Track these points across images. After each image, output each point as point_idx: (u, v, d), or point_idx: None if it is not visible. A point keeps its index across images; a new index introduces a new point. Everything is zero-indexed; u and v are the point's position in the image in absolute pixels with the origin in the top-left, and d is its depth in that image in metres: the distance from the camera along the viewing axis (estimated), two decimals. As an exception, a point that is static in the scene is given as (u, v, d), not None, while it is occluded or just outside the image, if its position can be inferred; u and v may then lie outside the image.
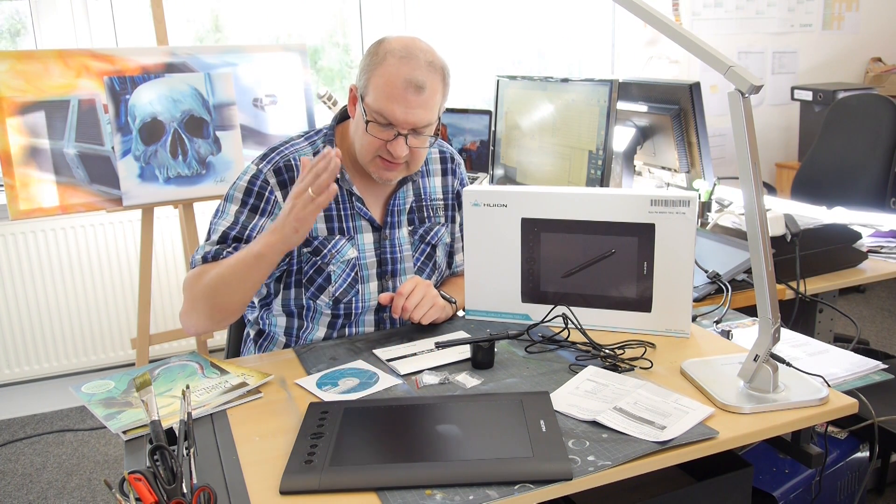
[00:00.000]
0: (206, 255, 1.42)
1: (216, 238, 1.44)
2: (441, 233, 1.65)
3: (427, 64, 1.41)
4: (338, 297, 1.51)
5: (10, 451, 2.81)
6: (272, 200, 1.47)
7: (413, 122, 1.41)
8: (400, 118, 1.40)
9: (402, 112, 1.40)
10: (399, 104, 1.39)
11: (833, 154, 3.24)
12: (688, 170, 2.30)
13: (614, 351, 1.33)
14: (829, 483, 1.73)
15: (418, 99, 1.40)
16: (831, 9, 4.32)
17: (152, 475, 0.93)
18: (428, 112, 1.42)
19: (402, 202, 1.59)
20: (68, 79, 2.34)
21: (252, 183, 1.47)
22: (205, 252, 1.43)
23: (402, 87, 1.38)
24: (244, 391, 1.24)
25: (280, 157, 1.49)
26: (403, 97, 1.39)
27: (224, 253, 1.41)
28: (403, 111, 1.40)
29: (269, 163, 1.48)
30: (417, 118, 1.41)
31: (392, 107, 1.39)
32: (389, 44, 1.43)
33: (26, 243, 2.96)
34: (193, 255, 1.44)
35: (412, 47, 1.42)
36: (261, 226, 1.45)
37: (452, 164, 1.68)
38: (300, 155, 1.50)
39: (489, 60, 3.83)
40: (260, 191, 1.46)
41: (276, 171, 1.47)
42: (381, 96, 1.40)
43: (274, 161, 1.48)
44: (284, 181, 1.47)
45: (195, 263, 1.43)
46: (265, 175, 1.47)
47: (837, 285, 1.84)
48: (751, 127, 1.11)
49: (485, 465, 0.99)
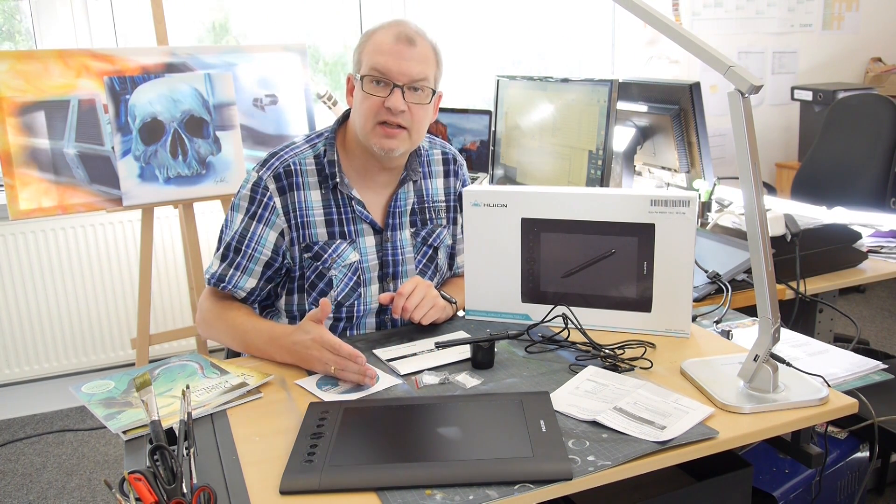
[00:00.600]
0: (213, 275, 1.50)
1: (220, 252, 1.51)
2: (443, 235, 1.65)
3: (416, 29, 1.47)
4: (340, 301, 1.52)
5: (10, 451, 2.81)
6: (271, 206, 1.48)
7: (407, 72, 1.43)
8: (394, 68, 1.43)
9: (396, 62, 1.43)
10: (392, 55, 1.43)
11: (833, 154, 3.24)
12: (688, 170, 2.30)
13: (614, 351, 1.33)
14: (829, 483, 1.73)
15: (411, 51, 1.44)
16: (831, 9, 4.32)
17: (152, 475, 0.93)
18: (422, 65, 1.45)
19: (403, 203, 1.59)
20: (68, 79, 2.34)
21: (254, 191, 1.49)
22: (212, 273, 1.51)
23: (393, 41, 1.44)
24: (244, 391, 1.24)
25: (280, 161, 1.50)
26: (396, 49, 1.43)
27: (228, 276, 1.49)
28: (397, 61, 1.43)
29: (269, 169, 1.50)
30: (411, 68, 1.44)
31: (385, 58, 1.43)
32: (377, 24, 1.49)
33: (26, 243, 2.96)
34: (207, 268, 1.53)
35: (400, 19, 1.49)
36: (259, 234, 1.48)
37: (455, 166, 1.68)
38: (301, 158, 1.52)
39: (489, 60, 3.83)
40: (260, 198, 1.48)
41: (276, 178, 1.49)
42: (374, 54, 1.44)
43: (274, 167, 1.50)
44: (283, 187, 1.49)
45: (207, 280, 1.52)
46: (265, 182, 1.49)
47: (837, 285, 1.84)
48: (751, 127, 1.11)
49: (485, 465, 0.99)
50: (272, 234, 1.49)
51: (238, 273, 1.49)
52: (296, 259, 1.50)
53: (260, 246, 1.48)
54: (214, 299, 1.52)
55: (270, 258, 1.49)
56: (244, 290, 1.50)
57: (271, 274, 1.51)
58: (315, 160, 1.52)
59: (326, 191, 1.51)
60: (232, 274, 1.49)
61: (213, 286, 1.51)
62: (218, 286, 1.50)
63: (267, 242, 1.48)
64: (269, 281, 1.52)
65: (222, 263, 1.50)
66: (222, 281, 1.49)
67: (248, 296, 1.51)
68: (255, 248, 1.48)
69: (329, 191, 1.51)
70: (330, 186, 1.51)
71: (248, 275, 1.49)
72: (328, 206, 1.51)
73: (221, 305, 1.50)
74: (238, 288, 1.49)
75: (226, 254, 1.50)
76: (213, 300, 1.52)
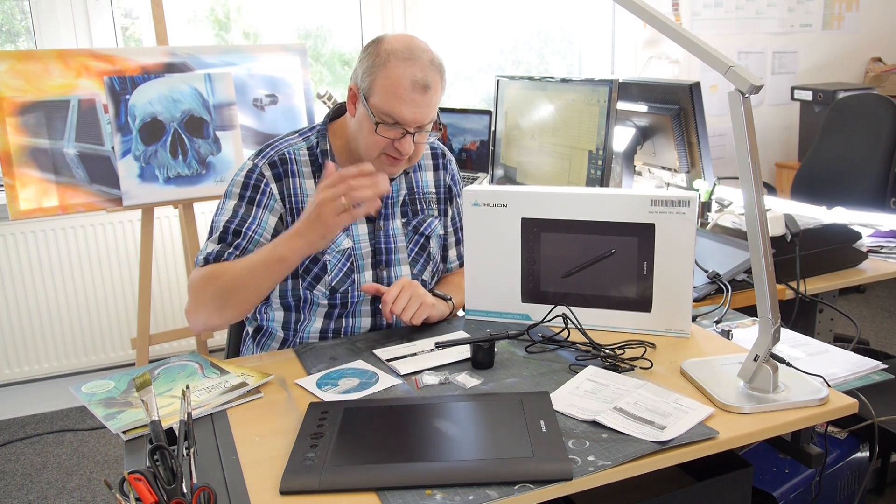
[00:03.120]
0: (208, 255, 1.44)
1: (217, 235, 1.46)
2: (434, 224, 1.67)
3: (429, 63, 1.45)
4: (334, 286, 1.52)
5: (10, 451, 2.81)
6: (268, 192, 1.49)
7: (420, 121, 1.46)
8: (408, 118, 1.44)
9: (411, 112, 1.43)
10: (407, 105, 1.43)
11: (833, 154, 3.24)
12: (688, 170, 2.30)
13: (614, 351, 1.33)
14: (829, 483, 1.73)
15: (424, 98, 1.44)
16: (831, 9, 4.32)
17: (152, 475, 0.93)
18: (432, 110, 1.48)
19: (394, 195, 1.61)
20: (68, 79, 2.34)
21: (248, 177, 1.50)
22: (208, 252, 1.44)
23: (409, 88, 1.42)
24: (244, 391, 1.24)
25: (274, 151, 1.53)
26: (411, 98, 1.43)
27: (227, 253, 1.43)
28: (411, 112, 1.43)
29: (263, 157, 1.52)
30: (424, 116, 1.46)
31: (401, 108, 1.43)
32: (390, 43, 1.45)
33: (26, 243, 2.96)
34: (198, 256, 1.46)
35: (413, 47, 1.45)
36: (259, 218, 1.48)
37: (444, 160, 1.71)
38: (294, 149, 1.54)
39: (489, 60, 3.84)
40: (256, 183, 1.49)
41: (271, 165, 1.51)
42: (389, 98, 1.43)
43: (269, 155, 1.52)
44: (279, 174, 1.51)
45: (199, 263, 1.45)
46: (260, 168, 1.50)
47: (837, 285, 1.84)
48: (751, 127, 1.11)
49: (485, 465, 0.99)
50: (272, 218, 1.49)
51: (237, 252, 1.44)
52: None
53: (260, 229, 1.47)
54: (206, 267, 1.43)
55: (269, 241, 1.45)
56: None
57: None
58: (308, 151, 1.55)
59: (320, 180, 1.51)
60: (230, 252, 1.44)
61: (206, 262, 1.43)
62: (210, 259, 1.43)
63: (267, 226, 1.48)
64: None
65: (220, 244, 1.45)
66: (220, 258, 1.43)
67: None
68: (256, 231, 1.47)
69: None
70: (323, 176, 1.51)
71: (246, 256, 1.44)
72: None
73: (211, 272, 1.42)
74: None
75: (223, 237, 1.45)
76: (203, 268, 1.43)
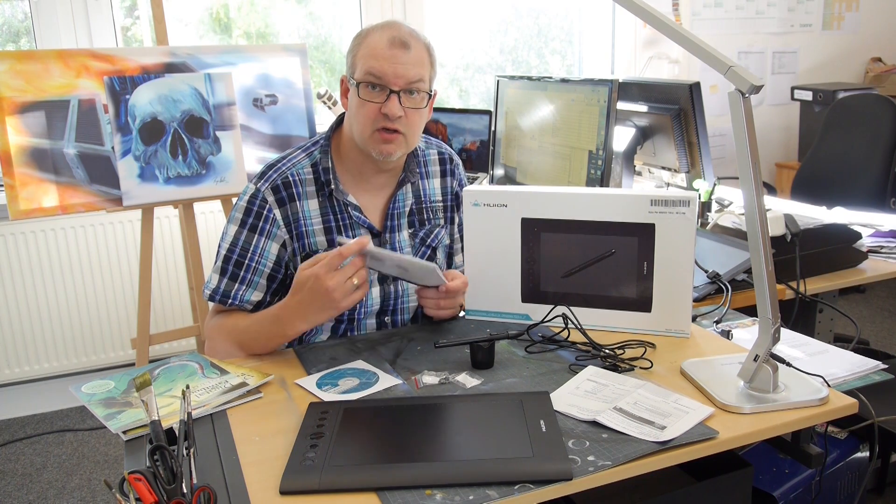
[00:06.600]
0: (214, 292, 1.48)
1: (220, 265, 1.49)
2: (441, 235, 1.65)
3: (409, 31, 1.46)
4: None
5: (10, 451, 2.81)
6: (271, 219, 1.48)
7: (403, 76, 1.43)
8: (389, 72, 1.42)
9: (391, 66, 1.42)
10: (387, 60, 1.42)
11: (833, 154, 3.24)
12: (688, 170, 2.30)
13: (614, 351, 1.33)
14: (829, 483, 1.73)
15: (406, 55, 1.43)
16: (831, 9, 4.32)
17: (152, 475, 0.93)
18: (417, 68, 1.45)
19: (401, 205, 1.59)
20: (68, 79, 2.34)
21: (251, 203, 1.49)
22: (213, 289, 1.49)
23: (387, 45, 1.43)
24: (244, 391, 1.24)
25: (277, 174, 1.50)
26: (391, 54, 1.42)
27: (233, 292, 1.47)
28: (392, 65, 1.42)
29: (266, 181, 1.49)
30: (407, 72, 1.43)
31: (381, 63, 1.42)
32: (370, 26, 1.49)
33: (26, 243, 2.96)
34: (205, 287, 1.51)
35: (392, 21, 1.48)
36: (262, 248, 1.48)
37: (451, 165, 1.68)
38: (298, 168, 1.51)
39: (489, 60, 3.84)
40: (259, 210, 1.48)
41: (275, 189, 1.49)
42: (369, 60, 1.43)
43: (272, 179, 1.50)
44: (283, 199, 1.49)
45: (206, 296, 1.49)
46: (263, 194, 1.48)
47: (837, 285, 1.84)
48: (751, 127, 1.11)
49: (485, 465, 0.99)
50: (274, 245, 1.49)
51: (243, 287, 1.48)
52: (298, 268, 1.50)
53: (263, 259, 1.48)
54: (219, 316, 1.50)
55: (273, 269, 1.49)
56: (251, 303, 1.49)
57: (276, 286, 1.51)
58: (312, 168, 1.52)
59: (323, 198, 1.51)
60: (237, 289, 1.47)
61: (219, 303, 1.49)
62: (224, 303, 1.48)
63: (269, 255, 1.48)
64: (275, 294, 1.51)
65: (223, 278, 1.48)
66: (227, 297, 1.48)
67: (256, 309, 1.49)
68: (259, 262, 1.48)
69: (325, 198, 1.51)
70: (326, 193, 1.51)
71: (253, 288, 1.48)
72: (325, 214, 1.51)
73: (224, 316, 1.49)
74: (245, 302, 1.48)
75: (225, 267, 1.48)
76: (217, 318, 1.50)
